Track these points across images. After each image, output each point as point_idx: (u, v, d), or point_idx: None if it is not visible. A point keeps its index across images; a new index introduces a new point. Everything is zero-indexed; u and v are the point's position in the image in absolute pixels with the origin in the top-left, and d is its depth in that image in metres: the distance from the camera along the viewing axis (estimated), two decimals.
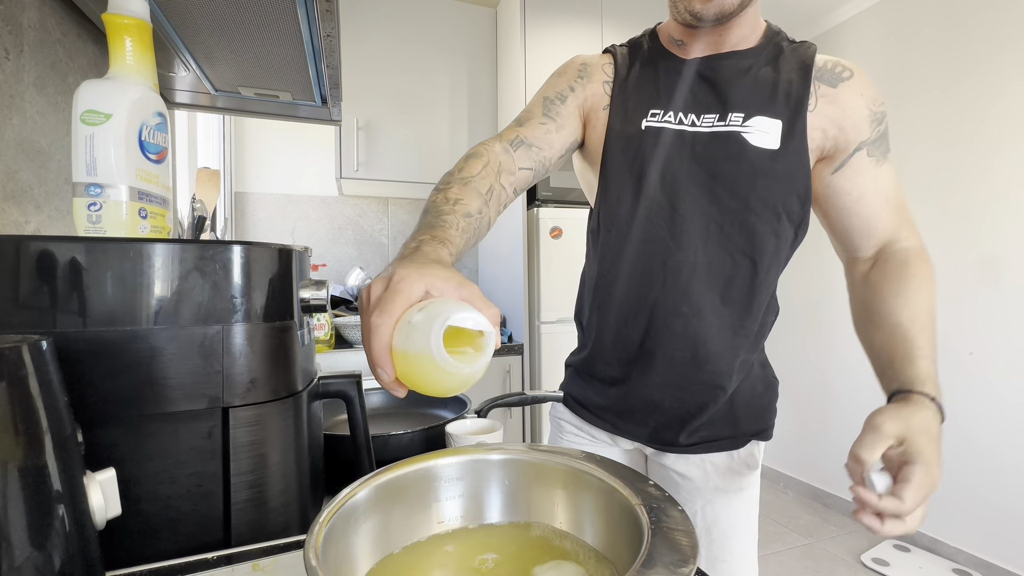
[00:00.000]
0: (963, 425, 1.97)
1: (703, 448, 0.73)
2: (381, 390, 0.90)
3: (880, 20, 2.26)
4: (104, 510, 0.32)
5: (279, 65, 0.90)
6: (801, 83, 0.67)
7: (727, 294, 0.69)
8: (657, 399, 0.73)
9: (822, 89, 0.67)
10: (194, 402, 0.40)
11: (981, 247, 1.92)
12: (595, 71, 0.78)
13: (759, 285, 0.69)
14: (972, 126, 1.95)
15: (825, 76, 0.67)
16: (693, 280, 0.68)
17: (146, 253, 0.38)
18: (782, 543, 2.17)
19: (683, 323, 0.69)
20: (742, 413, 0.73)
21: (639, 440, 0.77)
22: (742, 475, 0.73)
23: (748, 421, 0.73)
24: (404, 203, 2.45)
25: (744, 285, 0.68)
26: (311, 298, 0.49)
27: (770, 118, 0.66)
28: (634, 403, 0.75)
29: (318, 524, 0.32)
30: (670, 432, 0.74)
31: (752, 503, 0.76)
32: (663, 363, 0.71)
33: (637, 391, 0.74)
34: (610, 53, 0.79)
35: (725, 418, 0.72)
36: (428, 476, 0.42)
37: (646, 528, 0.32)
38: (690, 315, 0.69)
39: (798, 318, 2.63)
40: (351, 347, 1.80)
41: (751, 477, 0.74)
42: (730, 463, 0.73)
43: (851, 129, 0.66)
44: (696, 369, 0.70)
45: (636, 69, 0.75)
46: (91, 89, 0.46)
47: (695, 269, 0.68)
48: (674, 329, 0.69)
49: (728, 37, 0.70)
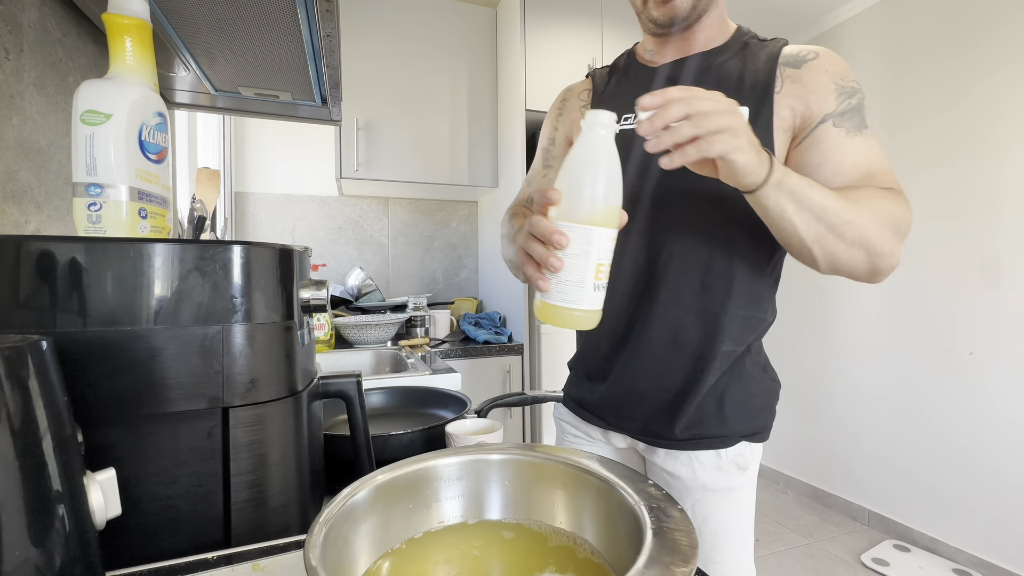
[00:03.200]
0: (963, 425, 1.97)
1: (692, 445, 0.73)
2: (381, 390, 0.90)
3: (880, 20, 2.26)
4: (104, 510, 0.32)
5: (279, 65, 0.90)
6: (767, 71, 0.69)
7: (706, 280, 0.71)
8: (642, 388, 0.75)
9: (787, 72, 0.68)
10: (194, 402, 0.40)
11: (982, 247, 1.92)
12: (573, 98, 0.86)
13: (737, 270, 0.70)
14: (972, 126, 1.95)
15: (791, 60, 0.69)
16: (670, 268, 0.71)
17: (146, 253, 0.38)
18: (782, 543, 2.17)
19: (662, 309, 0.72)
20: (733, 413, 0.73)
21: (631, 433, 0.78)
22: (730, 475, 0.74)
23: (739, 421, 0.73)
24: (404, 203, 2.45)
25: (723, 271, 0.70)
26: (311, 298, 0.49)
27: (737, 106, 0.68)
28: (622, 395, 0.77)
29: (318, 524, 0.32)
30: (659, 424, 0.75)
31: (744, 505, 0.76)
32: (645, 351, 0.74)
33: (624, 382, 0.76)
34: (590, 77, 0.86)
35: (715, 416, 0.73)
36: (428, 476, 0.42)
37: (646, 528, 0.32)
38: (669, 301, 0.72)
39: (798, 318, 2.63)
40: (351, 347, 1.80)
41: (741, 478, 0.74)
42: (718, 463, 0.73)
43: (815, 103, 0.66)
44: (676, 354, 0.72)
45: (612, 84, 0.82)
46: (91, 89, 0.46)
47: (672, 257, 0.71)
48: (655, 316, 0.72)
49: (694, 42, 0.74)
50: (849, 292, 2.40)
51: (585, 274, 0.50)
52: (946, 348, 2.01)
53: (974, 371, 1.94)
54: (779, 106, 0.67)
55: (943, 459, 2.03)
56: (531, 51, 1.96)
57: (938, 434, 2.04)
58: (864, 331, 2.34)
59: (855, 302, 2.37)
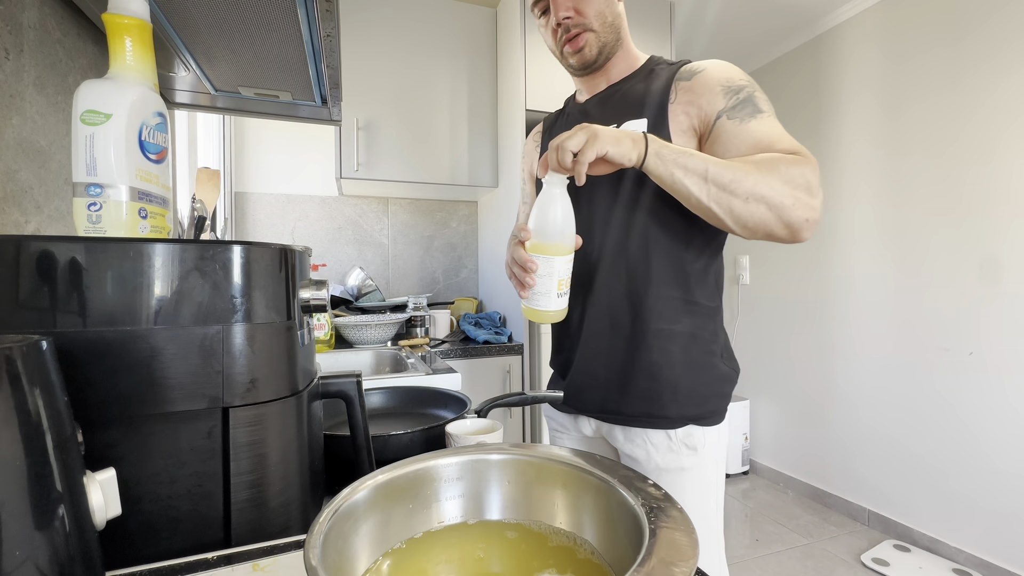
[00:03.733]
0: (963, 425, 1.97)
1: (642, 423, 0.82)
2: (381, 390, 0.90)
3: (880, 20, 2.26)
4: (104, 510, 0.32)
5: (279, 65, 0.90)
6: (665, 87, 0.82)
7: (630, 266, 0.83)
8: (594, 370, 0.86)
9: (680, 85, 0.81)
10: (194, 402, 0.40)
11: (981, 247, 1.92)
12: (531, 143, 1.08)
13: (653, 255, 0.81)
14: (972, 126, 1.95)
15: (684, 75, 0.81)
16: (602, 261, 0.84)
17: (146, 253, 0.38)
18: (782, 543, 2.17)
19: (599, 298, 0.85)
20: (682, 396, 0.81)
21: (592, 413, 0.88)
22: (681, 455, 0.81)
23: (688, 404, 0.81)
24: (404, 203, 2.45)
25: (642, 257, 0.82)
26: (311, 298, 0.49)
27: (637, 119, 0.82)
28: (581, 379, 0.88)
29: (318, 524, 0.32)
30: (612, 402, 0.85)
31: (699, 488, 0.81)
32: (591, 337, 0.86)
33: (580, 368, 0.88)
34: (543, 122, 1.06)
35: (661, 396, 0.81)
36: (428, 476, 0.42)
37: (646, 528, 0.32)
38: (603, 290, 0.84)
39: (798, 318, 2.63)
40: (351, 347, 1.80)
41: (693, 459, 0.81)
42: (669, 444, 0.81)
43: (707, 105, 0.78)
44: (615, 336, 0.84)
45: (558, 124, 1.00)
46: (91, 89, 0.46)
47: (604, 249, 0.84)
48: (593, 305, 0.85)
49: (609, 76, 0.90)
50: (849, 292, 2.40)
51: (551, 287, 0.75)
52: (946, 348, 2.01)
53: (974, 371, 1.94)
54: (674, 113, 0.80)
55: (943, 459, 2.03)
56: (531, 51, 1.96)
57: (938, 434, 2.04)
58: (864, 331, 2.34)
59: (855, 302, 2.37)
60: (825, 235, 2.50)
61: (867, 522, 2.31)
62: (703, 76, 0.79)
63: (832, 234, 2.47)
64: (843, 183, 2.42)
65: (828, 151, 2.49)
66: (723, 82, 0.77)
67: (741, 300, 2.99)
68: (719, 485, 0.84)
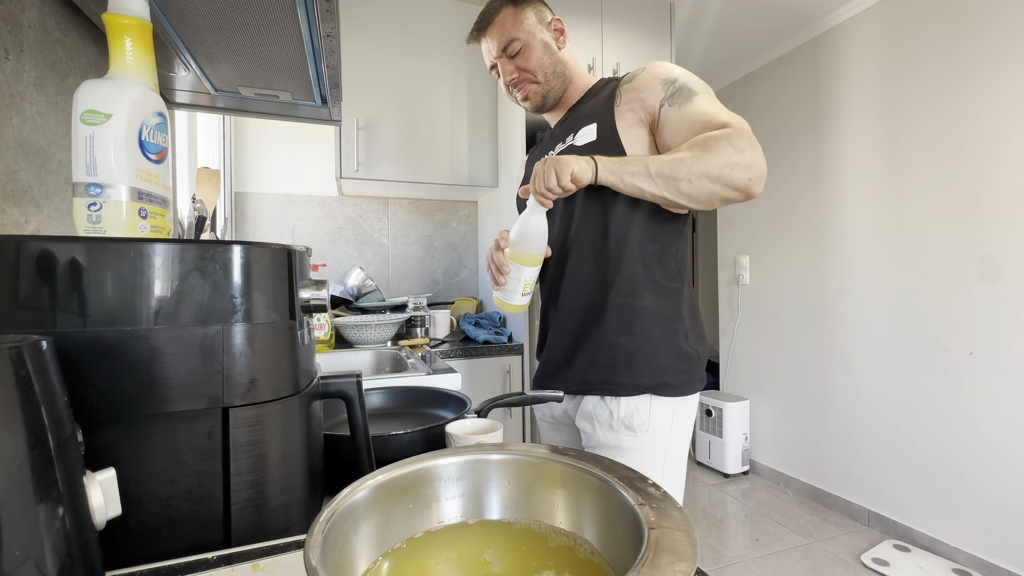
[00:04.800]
0: (964, 425, 1.97)
1: (602, 389, 0.90)
2: (381, 390, 0.90)
3: (880, 20, 2.26)
4: (104, 510, 0.32)
5: (279, 65, 0.90)
6: (610, 94, 0.93)
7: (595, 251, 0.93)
8: (563, 344, 0.96)
9: (624, 87, 0.92)
10: (194, 402, 0.40)
11: (981, 247, 1.92)
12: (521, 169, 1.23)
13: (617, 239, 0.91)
14: (972, 126, 1.95)
15: (626, 80, 0.93)
16: (567, 246, 0.96)
17: (146, 253, 0.38)
18: (782, 543, 2.17)
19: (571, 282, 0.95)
20: (638, 364, 0.88)
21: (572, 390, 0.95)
22: (620, 433, 0.88)
23: (643, 373, 0.88)
24: (404, 203, 2.45)
25: (596, 241, 0.92)
26: (311, 298, 0.49)
27: (588, 125, 0.94)
28: (551, 356, 0.99)
29: (318, 524, 0.32)
30: (580, 372, 0.93)
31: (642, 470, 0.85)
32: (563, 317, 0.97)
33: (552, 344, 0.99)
34: None
35: (618, 364, 0.89)
36: (428, 476, 0.42)
37: (646, 528, 0.32)
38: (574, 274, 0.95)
39: (798, 318, 2.63)
40: (351, 347, 1.80)
41: (632, 440, 0.88)
42: (611, 421, 0.89)
43: (649, 98, 0.88)
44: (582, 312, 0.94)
45: (538, 147, 1.13)
46: (91, 89, 0.46)
47: (567, 238, 0.96)
48: (566, 289, 0.96)
49: (566, 105, 1.04)
50: (849, 292, 2.40)
51: (517, 288, 0.91)
52: (946, 348, 2.01)
53: (974, 371, 1.94)
54: (621, 112, 0.90)
55: (943, 459, 2.03)
56: None
57: (938, 434, 2.04)
58: (864, 331, 2.34)
59: (855, 302, 2.37)
60: (825, 235, 2.50)
61: (867, 522, 2.31)
62: (643, 75, 0.91)
63: (832, 234, 2.47)
64: (843, 183, 2.42)
65: (828, 151, 2.49)
66: (660, 76, 0.89)
67: (741, 300, 2.98)
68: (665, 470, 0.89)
